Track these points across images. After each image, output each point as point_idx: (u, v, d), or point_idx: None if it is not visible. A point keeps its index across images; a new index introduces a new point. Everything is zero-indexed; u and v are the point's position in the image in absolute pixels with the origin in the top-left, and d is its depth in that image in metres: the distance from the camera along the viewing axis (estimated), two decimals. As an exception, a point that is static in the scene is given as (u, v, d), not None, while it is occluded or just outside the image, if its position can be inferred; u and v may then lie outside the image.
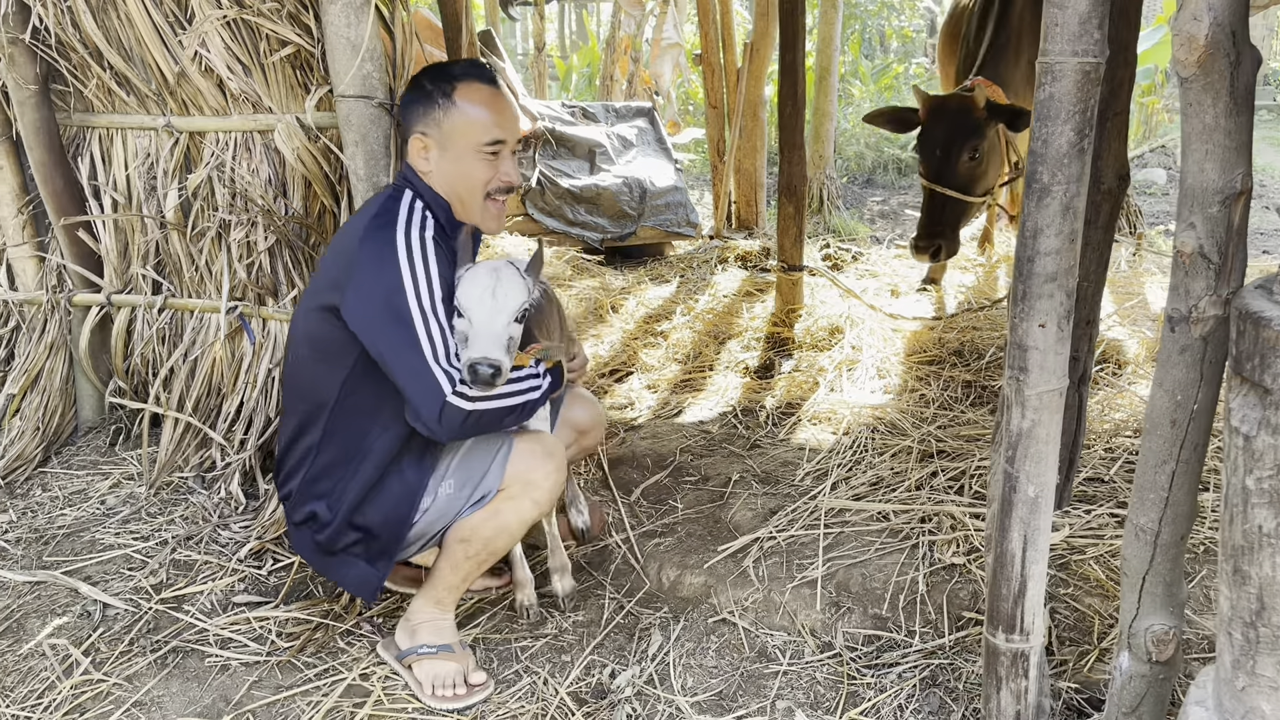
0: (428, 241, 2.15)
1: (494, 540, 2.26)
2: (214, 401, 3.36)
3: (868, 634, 2.35)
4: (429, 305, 2.10)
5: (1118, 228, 3.54)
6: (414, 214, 2.22)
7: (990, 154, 3.82)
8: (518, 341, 2.09)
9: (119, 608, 2.65)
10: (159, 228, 3.30)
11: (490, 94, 2.25)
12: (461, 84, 2.22)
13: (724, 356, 4.41)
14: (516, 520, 2.26)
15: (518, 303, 2.06)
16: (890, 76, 15.12)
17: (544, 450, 2.28)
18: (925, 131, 3.85)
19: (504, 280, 2.07)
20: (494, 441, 2.27)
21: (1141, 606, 1.73)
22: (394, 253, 2.13)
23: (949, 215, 3.85)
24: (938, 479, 2.90)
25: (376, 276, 2.12)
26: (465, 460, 2.26)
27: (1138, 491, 1.70)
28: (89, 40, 3.05)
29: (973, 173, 3.80)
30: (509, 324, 2.05)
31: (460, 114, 2.21)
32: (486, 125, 2.23)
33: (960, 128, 3.74)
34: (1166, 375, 1.59)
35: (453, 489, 2.25)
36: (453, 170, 2.25)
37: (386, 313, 2.10)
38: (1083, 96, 1.52)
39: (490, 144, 2.23)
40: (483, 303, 2.04)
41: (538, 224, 6.30)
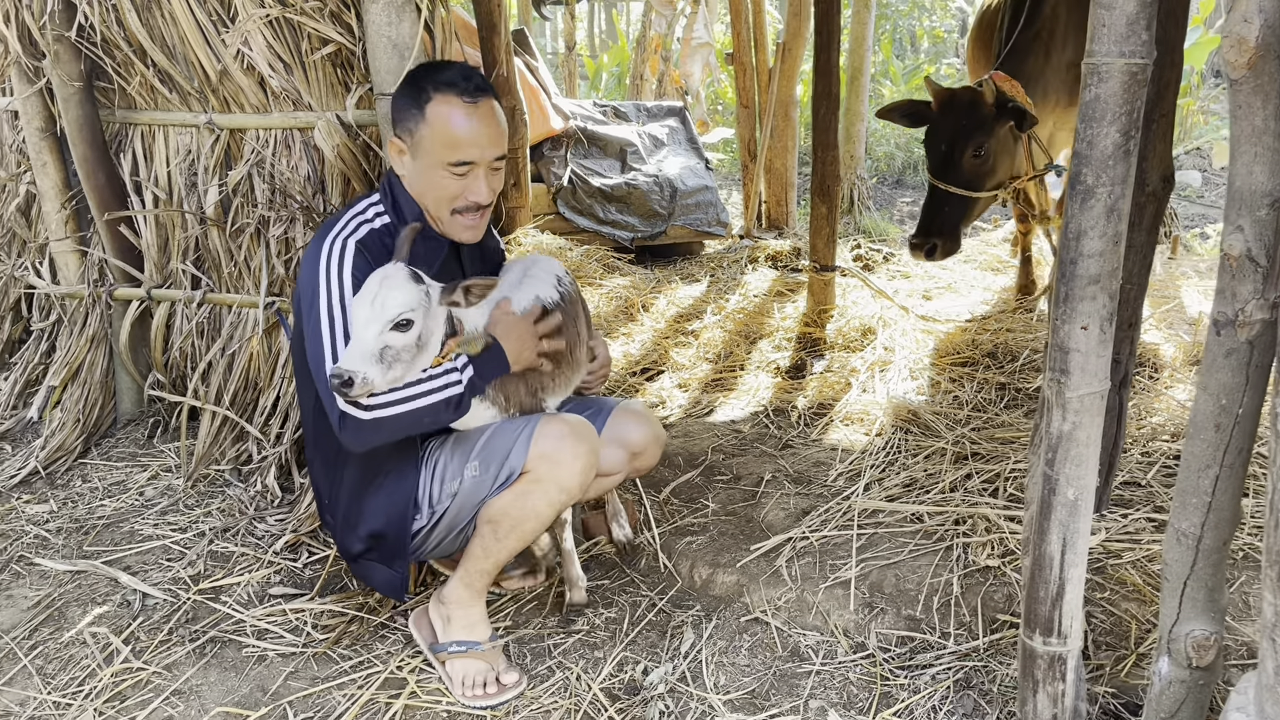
0: (349, 246, 2.16)
1: (523, 523, 2.24)
2: (251, 395, 3.40)
3: (901, 635, 2.34)
4: (338, 313, 2.11)
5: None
6: (355, 218, 2.24)
7: (1000, 152, 3.72)
8: (403, 349, 2.02)
9: (158, 597, 2.69)
10: (199, 223, 3.35)
11: (465, 112, 2.18)
12: (437, 97, 2.17)
13: (755, 356, 4.41)
14: (545, 503, 2.22)
15: (397, 309, 1.99)
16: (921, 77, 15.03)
17: (570, 431, 2.23)
18: (932, 125, 3.78)
19: (387, 285, 2.01)
20: (519, 422, 2.27)
21: (1182, 611, 1.72)
22: (317, 258, 2.16)
23: (950, 213, 3.76)
24: (972, 481, 2.89)
25: (305, 283, 2.17)
26: (490, 442, 2.26)
27: (1180, 496, 1.69)
28: (133, 38, 3.09)
29: (978, 170, 3.70)
30: (383, 332, 1.99)
31: (429, 128, 2.18)
32: (454, 144, 2.18)
33: (966, 123, 3.65)
34: (1211, 379, 1.58)
35: (478, 471, 2.24)
36: (422, 180, 2.24)
37: (308, 319, 2.14)
38: (1129, 98, 1.51)
39: (456, 164, 2.19)
40: (360, 309, 2.00)
41: (569, 223, 6.32)
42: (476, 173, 2.22)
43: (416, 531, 2.32)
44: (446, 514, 2.30)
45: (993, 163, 3.71)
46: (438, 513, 2.30)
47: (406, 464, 2.30)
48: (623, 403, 2.68)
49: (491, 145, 2.22)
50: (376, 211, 2.29)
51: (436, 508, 2.30)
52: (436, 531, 2.33)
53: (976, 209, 3.87)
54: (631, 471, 2.65)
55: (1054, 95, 3.90)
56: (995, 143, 3.67)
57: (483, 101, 2.21)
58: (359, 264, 2.16)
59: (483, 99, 2.21)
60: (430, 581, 2.71)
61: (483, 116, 2.21)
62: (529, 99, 6.03)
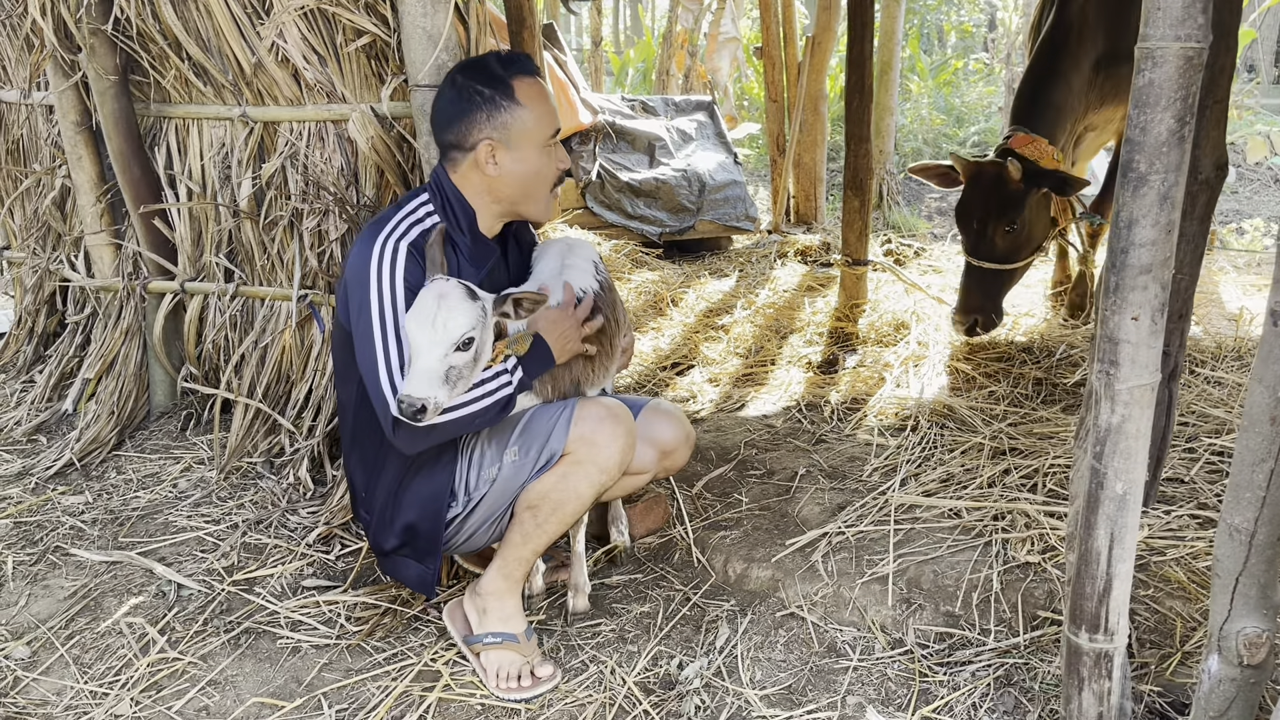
0: (401, 249, 2.15)
1: (563, 506, 2.23)
2: (283, 388, 3.41)
3: (940, 631, 2.31)
4: (390, 318, 2.10)
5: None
6: (407, 218, 2.22)
7: (1033, 221, 3.66)
8: (464, 367, 2.02)
9: (192, 588, 2.71)
10: (232, 216, 3.36)
11: (541, 86, 2.25)
12: (517, 82, 2.19)
13: (786, 351, 4.38)
14: (586, 484, 2.22)
15: (460, 331, 1.98)
16: (949, 72, 14.90)
17: (608, 413, 2.24)
18: (962, 203, 3.73)
19: (446, 306, 1.99)
20: (556, 406, 2.27)
21: (1234, 609, 1.68)
22: (368, 262, 2.14)
23: (987, 287, 3.73)
24: (1010, 476, 2.85)
25: (354, 285, 2.16)
26: (528, 427, 2.26)
27: (1233, 490, 1.65)
28: (168, 31, 3.10)
29: (1012, 244, 3.66)
30: (447, 354, 1.98)
31: (525, 111, 2.19)
32: (549, 118, 2.24)
33: (994, 203, 3.59)
34: (1267, 371, 1.54)
35: (518, 455, 2.25)
36: (519, 171, 2.23)
37: (359, 324, 2.14)
38: (1184, 83, 1.48)
39: (553, 136, 2.25)
40: (421, 331, 1.98)
41: (597, 217, 6.32)
42: (555, 140, 2.29)
43: (451, 520, 2.31)
44: (484, 500, 2.29)
45: (1027, 233, 3.66)
46: (474, 500, 2.29)
47: (445, 456, 2.29)
48: (653, 401, 2.67)
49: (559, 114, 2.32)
50: (427, 211, 2.26)
51: (473, 495, 2.29)
52: (472, 520, 2.32)
53: (1016, 277, 3.84)
54: (661, 471, 2.65)
55: (1082, 95, 3.81)
56: (1027, 214, 3.61)
57: (541, 71, 2.33)
58: (411, 268, 2.15)
59: (540, 70, 2.31)
60: (461, 576, 2.71)
61: (547, 84, 2.31)
62: (558, 93, 6.02)
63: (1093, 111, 3.87)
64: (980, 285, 3.72)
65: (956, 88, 14.31)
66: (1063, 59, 3.71)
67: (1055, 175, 3.49)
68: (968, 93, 14.09)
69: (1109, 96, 3.82)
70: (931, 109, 12.59)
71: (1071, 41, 3.72)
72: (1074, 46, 3.72)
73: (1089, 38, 3.73)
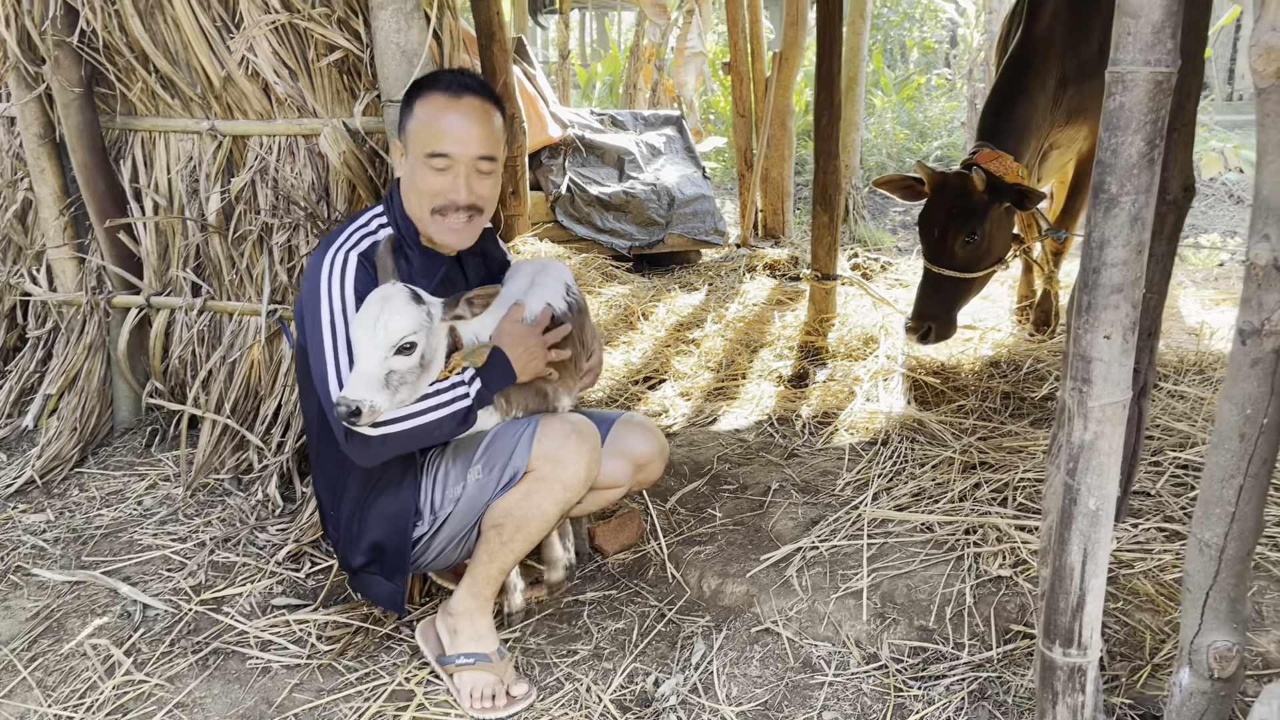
0: (351, 260, 2.14)
1: (527, 524, 2.21)
2: (251, 404, 3.37)
3: (914, 645, 2.33)
4: (341, 329, 2.09)
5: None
6: (358, 230, 2.23)
7: (994, 233, 3.70)
8: (407, 372, 2.01)
9: (159, 608, 2.66)
10: (200, 230, 3.32)
11: (447, 105, 2.17)
12: (425, 93, 2.20)
13: (757, 365, 4.40)
14: (550, 501, 2.20)
15: (400, 333, 1.97)
16: (912, 87, 15.09)
17: (572, 429, 2.22)
18: (925, 210, 3.77)
19: (389, 309, 1.98)
20: (520, 423, 2.25)
21: (1204, 622, 1.71)
22: (319, 271, 2.14)
23: (944, 295, 3.75)
24: (981, 490, 2.88)
25: (307, 299, 2.15)
26: (492, 444, 2.24)
27: (1203, 505, 1.68)
28: (135, 43, 3.07)
29: (972, 254, 3.69)
30: (387, 357, 1.97)
31: (415, 121, 2.19)
32: (433, 136, 2.16)
33: (956, 212, 3.63)
34: (1236, 389, 1.57)
35: (482, 473, 2.23)
36: (408, 179, 2.24)
37: (311, 333, 2.13)
38: (1154, 106, 1.51)
39: (432, 155, 2.17)
40: (364, 333, 1.98)
41: (567, 231, 6.32)
42: (456, 170, 2.19)
43: (418, 540, 2.29)
44: (450, 520, 2.28)
45: (987, 245, 3.69)
46: (440, 518, 2.28)
47: (407, 474, 2.28)
48: (626, 415, 2.66)
49: (473, 143, 2.19)
50: (380, 224, 2.28)
51: (439, 514, 2.28)
52: (438, 539, 2.30)
53: (973, 289, 3.85)
54: (635, 485, 2.64)
55: (1047, 113, 3.86)
56: (989, 226, 3.65)
57: (466, 97, 2.19)
58: (361, 276, 2.14)
59: (467, 95, 2.20)
60: (435, 593, 2.69)
61: (465, 111, 2.18)
62: (527, 107, 6.03)
63: (1057, 130, 3.92)
64: (937, 293, 3.74)
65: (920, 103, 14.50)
66: (1028, 77, 3.76)
67: (1016, 189, 3.54)
68: (930, 108, 14.29)
69: (1074, 115, 3.88)
70: (895, 123, 12.74)
71: (1037, 60, 3.78)
72: (1039, 65, 3.77)
73: (1055, 57, 3.78)
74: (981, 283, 3.84)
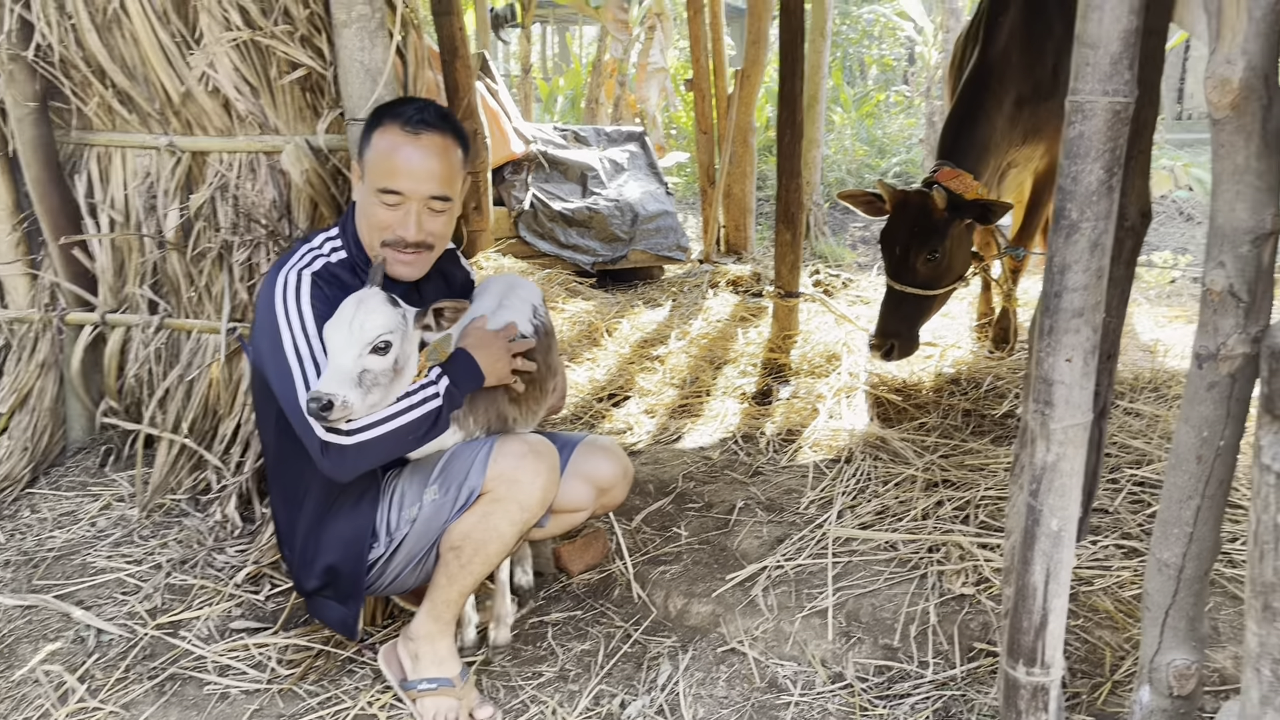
0: (304, 278, 2.13)
1: (485, 546, 2.19)
2: (210, 423, 3.32)
3: (879, 664, 2.34)
4: (304, 345, 2.08)
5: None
6: (309, 252, 2.22)
7: (954, 251, 3.74)
8: (380, 374, 2.00)
9: (113, 633, 2.60)
10: (158, 247, 3.27)
11: (403, 141, 2.15)
12: (384, 124, 2.17)
13: (721, 382, 4.41)
14: (508, 523, 2.18)
15: (375, 331, 1.97)
16: (872, 104, 15.28)
17: (529, 449, 2.20)
18: (887, 228, 3.80)
19: (365, 309, 1.99)
20: (477, 443, 2.23)
21: (1164, 641, 1.74)
22: (273, 295, 2.12)
23: (906, 312, 3.78)
24: (943, 508, 2.90)
25: (263, 320, 2.13)
26: (448, 465, 2.22)
27: (1161, 526, 1.71)
28: (92, 58, 3.03)
29: (933, 272, 3.73)
30: (360, 356, 1.97)
31: (373, 151, 2.18)
32: (387, 172, 2.15)
33: (917, 230, 3.67)
34: (1193, 411, 1.60)
35: (438, 494, 2.21)
36: (361, 206, 2.23)
37: (270, 354, 2.10)
38: (1113, 135, 1.54)
39: (383, 191, 2.15)
40: (338, 333, 1.98)
41: (529, 246, 6.31)
42: (407, 207, 2.17)
43: (374, 562, 2.27)
44: (405, 541, 2.25)
45: (948, 262, 3.73)
46: (395, 540, 2.26)
47: (367, 495, 2.25)
48: (589, 436, 2.66)
49: (427, 181, 2.17)
50: (333, 246, 2.26)
51: (395, 535, 2.26)
52: (395, 562, 2.28)
53: (935, 306, 3.89)
54: (599, 508, 2.63)
55: (1006, 133, 3.92)
56: (949, 244, 3.69)
57: (425, 135, 2.17)
58: (316, 294, 2.13)
59: (426, 132, 2.17)
60: (398, 615, 2.66)
61: (422, 148, 2.16)
62: (490, 122, 6.02)
63: (1015, 149, 3.99)
64: (899, 310, 3.78)
65: (879, 119, 14.68)
66: (986, 97, 3.82)
67: (977, 204, 3.59)
68: (889, 124, 14.47)
69: (1031, 135, 3.94)
70: (855, 140, 12.88)
71: (994, 81, 3.84)
72: (996, 86, 3.83)
73: (1011, 78, 3.85)
74: (943, 299, 3.89)
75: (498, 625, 2.50)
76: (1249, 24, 1.38)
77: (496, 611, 2.50)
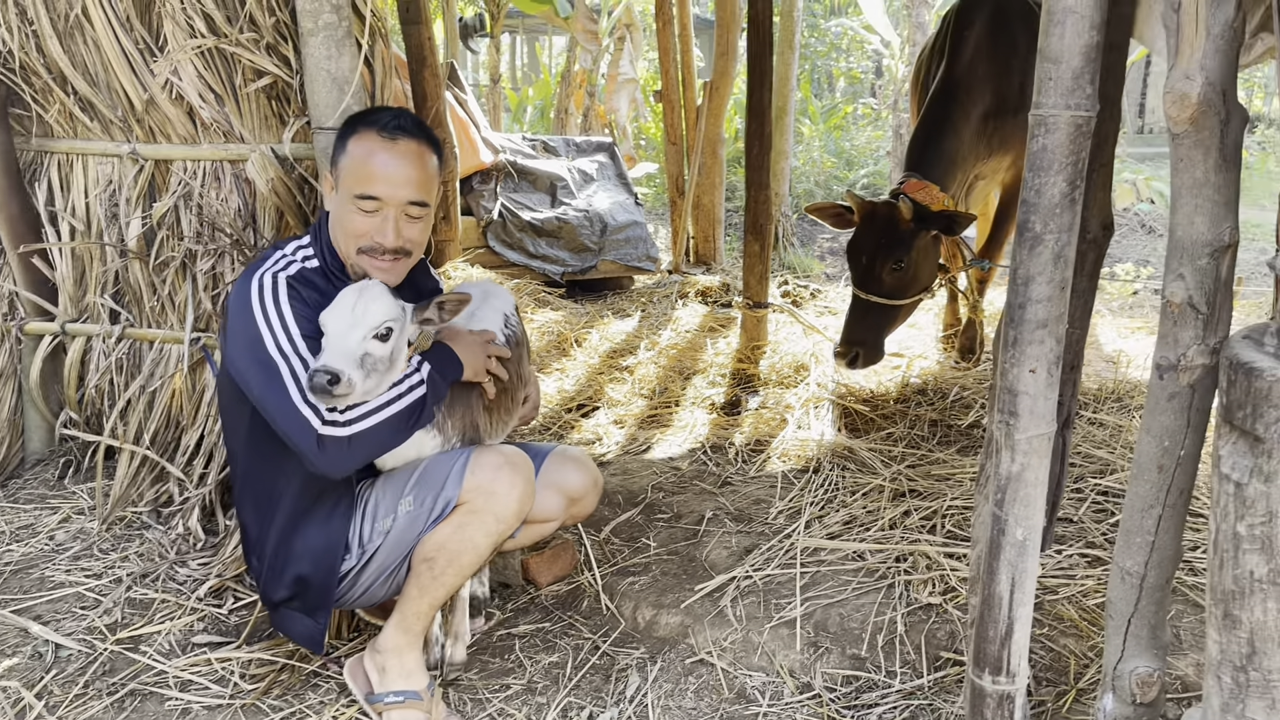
0: (280, 281, 2.13)
1: (460, 557, 2.18)
2: (172, 434, 3.27)
3: (846, 674, 2.35)
4: (287, 345, 2.07)
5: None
6: (283, 258, 2.21)
7: (920, 261, 3.77)
8: (380, 359, 2.02)
9: (72, 648, 2.56)
10: (119, 256, 3.22)
11: (380, 146, 2.16)
12: (360, 131, 2.18)
13: (690, 392, 4.42)
14: (483, 534, 2.17)
15: (379, 319, 2.00)
16: (839, 116, 15.42)
17: (505, 461, 2.20)
18: (854, 238, 3.83)
19: (367, 296, 2.03)
20: (452, 454, 2.23)
21: (1127, 649, 1.76)
22: (248, 298, 2.12)
23: (871, 321, 3.80)
24: (911, 518, 2.92)
25: (239, 325, 2.11)
26: (423, 476, 2.21)
27: (1124, 535, 1.73)
28: (53, 65, 2.99)
29: (899, 281, 3.76)
30: (365, 339, 1.98)
31: (348, 158, 2.18)
32: (364, 178, 2.15)
33: (884, 240, 3.70)
34: (1154, 421, 1.62)
35: (413, 505, 2.19)
36: (336, 215, 2.23)
37: (249, 358, 2.08)
38: (1075, 149, 1.56)
39: (360, 196, 2.15)
40: (339, 317, 2.00)
41: (498, 256, 6.29)
42: (385, 213, 2.17)
43: (345, 574, 2.24)
44: (378, 553, 2.23)
45: (913, 273, 3.76)
46: (368, 552, 2.23)
47: (341, 505, 2.23)
48: (560, 447, 2.65)
49: (405, 187, 2.17)
50: (305, 255, 2.25)
51: (367, 547, 2.23)
52: (366, 574, 2.26)
53: (901, 316, 3.91)
54: (569, 519, 2.63)
55: (973, 145, 3.97)
56: (915, 254, 3.72)
57: (402, 140, 2.18)
58: (294, 296, 2.12)
59: (402, 138, 2.18)
60: (363, 629, 2.63)
61: (398, 154, 2.17)
62: (459, 132, 6.00)
63: (982, 161, 4.03)
64: (865, 319, 3.80)
65: (846, 131, 14.81)
66: (953, 110, 3.87)
67: (943, 215, 3.63)
68: (857, 136, 14.60)
69: (997, 148, 3.99)
70: (823, 152, 12.98)
71: (961, 95, 3.89)
72: (964, 99, 3.88)
73: (978, 91, 3.90)
74: (908, 310, 3.92)
75: (455, 642, 2.47)
76: (1207, 41, 1.41)
77: (455, 628, 2.48)
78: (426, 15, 5.26)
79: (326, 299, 2.10)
